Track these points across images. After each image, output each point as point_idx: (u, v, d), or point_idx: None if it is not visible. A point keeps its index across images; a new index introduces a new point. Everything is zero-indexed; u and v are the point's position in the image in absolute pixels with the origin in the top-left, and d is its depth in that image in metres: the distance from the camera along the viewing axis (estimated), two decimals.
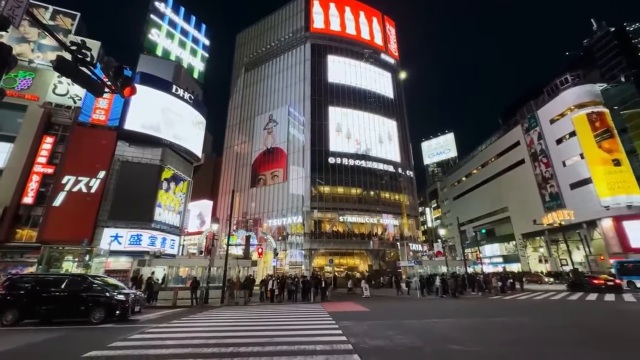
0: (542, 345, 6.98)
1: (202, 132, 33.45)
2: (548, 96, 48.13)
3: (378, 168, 46.88)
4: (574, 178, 41.75)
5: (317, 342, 7.42)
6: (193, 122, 31.51)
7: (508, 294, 22.41)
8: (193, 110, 31.46)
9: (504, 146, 57.50)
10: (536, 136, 48.90)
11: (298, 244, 40.71)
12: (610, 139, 39.61)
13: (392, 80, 55.74)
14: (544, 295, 20.70)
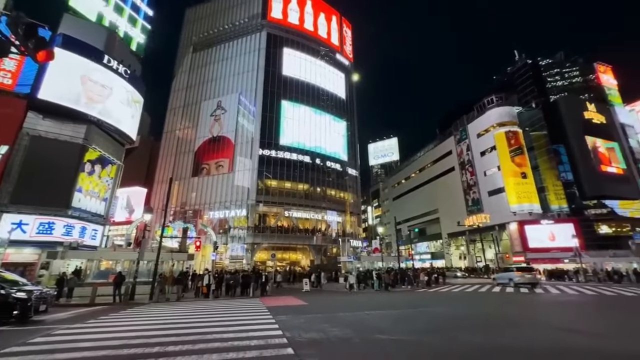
0: (455, 330, 7.96)
1: (138, 112, 30.08)
2: (477, 113, 54.48)
3: (326, 165, 47.87)
4: (492, 186, 48.11)
5: (252, 337, 7.35)
6: (128, 100, 28.15)
7: (433, 287, 24.94)
8: (128, 86, 28.08)
9: (439, 154, 63.50)
10: (465, 147, 55.01)
11: (240, 238, 39.57)
12: (521, 155, 46.58)
13: (345, 81, 57.23)
14: (460, 287, 23.53)
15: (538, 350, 6.14)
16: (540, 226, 42.50)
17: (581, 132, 48.43)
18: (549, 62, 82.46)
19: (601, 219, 44.12)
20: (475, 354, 5.91)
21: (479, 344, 6.67)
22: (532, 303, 14.43)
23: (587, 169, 45.83)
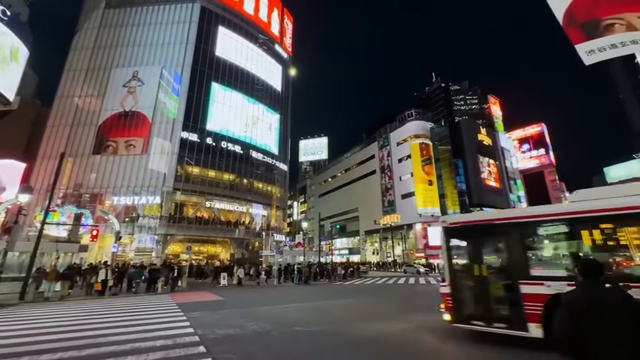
0: (362, 317, 8.67)
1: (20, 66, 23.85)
2: (399, 123, 60.40)
3: (256, 157, 46.47)
4: (405, 190, 54.06)
5: (157, 337, 6.63)
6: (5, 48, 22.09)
7: (348, 280, 26.70)
8: (6, 31, 22.05)
9: (364, 157, 68.23)
10: (386, 153, 60.41)
11: (151, 228, 35.37)
12: (429, 165, 53.55)
13: (282, 73, 56.41)
14: (372, 280, 25.81)
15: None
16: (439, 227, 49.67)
17: (475, 150, 58.27)
18: (457, 88, 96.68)
19: None
20: (379, 339, 6.54)
21: (380, 330, 7.39)
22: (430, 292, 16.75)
23: (476, 181, 55.47)
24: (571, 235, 5.83)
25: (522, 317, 5.56)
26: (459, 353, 5.78)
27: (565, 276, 5.55)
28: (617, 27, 1.98)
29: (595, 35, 1.97)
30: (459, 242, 7.21)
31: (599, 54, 1.91)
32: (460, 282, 6.64)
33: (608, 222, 5.45)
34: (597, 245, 5.53)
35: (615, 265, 5.42)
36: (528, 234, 6.26)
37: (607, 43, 1.90)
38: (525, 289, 5.66)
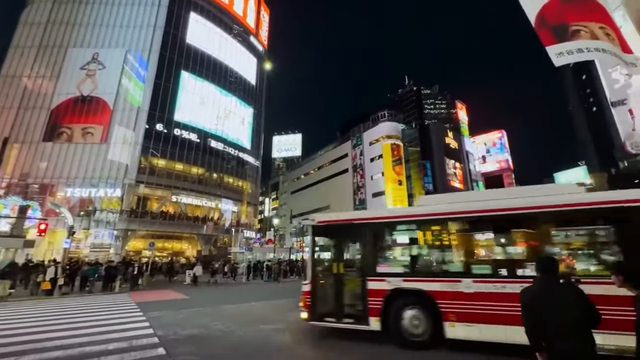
0: None
1: None
2: (372, 123, 61.55)
3: (227, 151, 45.07)
4: (376, 189, 55.30)
5: (111, 340, 6.17)
6: None
7: None
8: None
9: (337, 155, 68.76)
10: (359, 152, 61.35)
11: (109, 223, 33.07)
12: (400, 165, 55.21)
13: (257, 66, 55.11)
14: None
15: None
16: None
17: (442, 153, 60.97)
18: (428, 92, 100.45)
19: None
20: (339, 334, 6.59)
21: None
22: None
23: (442, 182, 58.10)
24: (409, 236, 6.60)
25: (366, 312, 5.95)
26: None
27: (402, 272, 6.08)
28: (582, 33, 2.09)
29: (564, 39, 2.07)
30: (326, 240, 7.37)
31: (567, 56, 2.02)
32: (320, 280, 6.79)
33: (436, 225, 6.29)
34: (430, 244, 6.41)
35: (433, 263, 6.11)
36: (377, 234, 6.59)
37: (575, 47, 2.01)
38: (371, 285, 6.04)
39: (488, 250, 6.04)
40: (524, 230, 5.79)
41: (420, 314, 5.59)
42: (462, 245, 5.97)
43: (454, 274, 5.63)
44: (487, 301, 5.18)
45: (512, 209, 5.64)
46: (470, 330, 5.21)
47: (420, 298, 5.65)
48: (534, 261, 4.87)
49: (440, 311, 5.42)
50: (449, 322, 5.34)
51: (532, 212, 5.48)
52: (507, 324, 4.89)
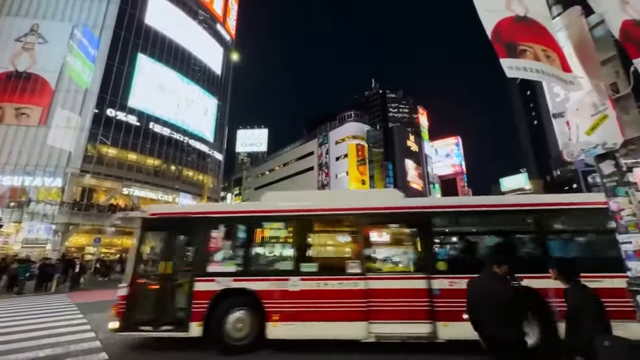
0: None
1: None
2: (339, 123, 62.39)
3: (187, 143, 42.74)
4: (340, 188, 56.18)
5: (44, 345, 5.52)
6: None
7: None
8: None
9: (303, 152, 68.68)
10: (325, 151, 61.87)
11: (47, 216, 29.62)
12: (364, 165, 56.70)
13: (223, 56, 52.88)
14: None
15: None
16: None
17: (403, 155, 63.73)
18: (392, 96, 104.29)
19: None
20: None
21: None
22: None
23: (402, 183, 60.78)
24: (243, 232, 6.27)
25: (187, 317, 5.38)
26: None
27: (233, 272, 5.67)
28: (527, 53, 2.26)
29: (513, 56, 2.22)
30: (158, 235, 6.46)
31: (516, 71, 2.18)
32: (142, 283, 5.82)
33: (269, 222, 6.35)
34: (262, 242, 6.34)
35: (264, 261, 6.09)
36: (210, 230, 6.07)
37: (522, 65, 2.17)
38: (199, 286, 5.53)
39: (317, 248, 6.14)
40: (348, 230, 6.17)
41: (245, 316, 5.35)
42: (293, 244, 5.97)
43: (283, 272, 5.59)
44: (311, 299, 5.29)
45: (334, 210, 5.99)
46: (290, 329, 5.22)
47: (247, 299, 5.40)
48: (383, 259, 5.87)
49: (265, 311, 5.29)
50: (272, 322, 5.25)
51: (351, 213, 5.94)
52: (324, 320, 5.17)
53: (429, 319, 5.04)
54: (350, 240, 6.06)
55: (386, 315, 5.15)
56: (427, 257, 5.47)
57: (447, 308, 5.01)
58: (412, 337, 5.02)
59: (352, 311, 5.17)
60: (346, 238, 6.22)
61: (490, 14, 2.61)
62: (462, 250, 5.89)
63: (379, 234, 6.14)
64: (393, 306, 5.18)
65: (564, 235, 5.94)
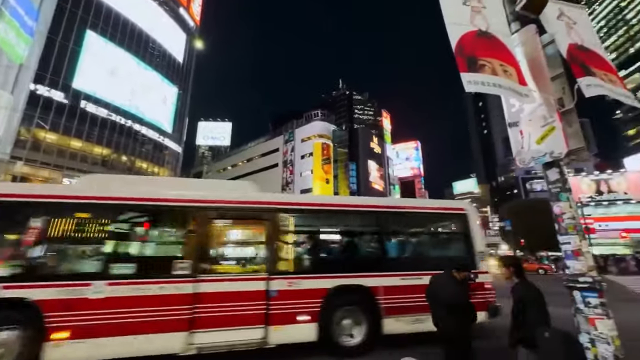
0: None
1: None
2: (305, 121, 62.31)
3: (142, 132, 39.71)
4: (304, 186, 56.25)
5: None
6: None
7: None
8: None
9: (268, 149, 67.51)
10: (291, 148, 61.45)
11: None
12: (328, 164, 57.34)
13: (186, 43, 49.98)
14: None
15: None
16: None
17: (367, 156, 65.57)
18: (359, 98, 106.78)
19: None
20: None
21: None
22: None
23: (365, 183, 62.57)
24: (29, 221, 4.57)
25: None
26: None
27: (6, 276, 4.21)
28: (486, 68, 2.39)
29: (473, 70, 2.34)
30: None
31: (474, 85, 2.29)
32: None
33: (82, 212, 4.87)
34: (53, 236, 4.61)
35: (61, 260, 4.62)
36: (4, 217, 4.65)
37: (480, 79, 2.29)
38: None
39: (136, 245, 5.07)
40: (179, 225, 5.24)
41: (14, 336, 3.93)
42: (102, 239, 4.73)
43: (83, 276, 4.44)
44: (120, 308, 4.31)
45: (162, 200, 5.03)
46: (81, 350, 4.11)
47: (23, 313, 4.03)
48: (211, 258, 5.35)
49: (44, 328, 4.01)
50: (55, 341, 4.03)
51: (184, 205, 5.07)
52: (131, 333, 4.24)
53: (261, 324, 4.65)
54: (182, 237, 5.17)
55: (214, 322, 4.52)
56: (268, 257, 5.11)
57: (283, 310, 4.74)
58: (240, 345, 4.55)
59: (171, 320, 4.38)
60: (177, 234, 5.28)
61: (456, 27, 2.71)
62: (306, 249, 5.63)
63: (217, 230, 5.50)
64: (224, 311, 4.59)
65: (405, 235, 6.44)
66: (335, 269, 5.32)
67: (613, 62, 3.04)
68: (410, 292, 5.20)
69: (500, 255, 5.94)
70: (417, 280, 5.15)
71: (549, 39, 2.77)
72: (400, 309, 5.19)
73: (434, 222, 6.72)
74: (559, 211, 2.45)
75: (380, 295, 5.14)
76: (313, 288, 4.96)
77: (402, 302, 5.21)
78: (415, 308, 5.06)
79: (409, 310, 5.16)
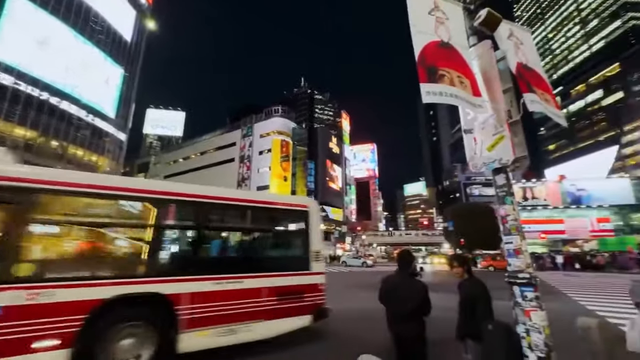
0: None
1: None
2: (265, 116, 61.02)
3: (78, 115, 35.33)
4: (261, 183, 55.08)
5: None
6: None
7: None
8: None
9: (225, 142, 64.74)
10: (249, 143, 59.70)
11: None
12: (287, 162, 56.87)
13: (135, 21, 45.61)
14: None
15: None
16: None
17: (325, 156, 66.39)
18: (320, 97, 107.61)
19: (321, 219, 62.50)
20: None
21: None
22: None
23: (322, 183, 63.33)
24: None
25: None
26: None
27: None
28: (445, 78, 2.51)
29: (433, 80, 2.43)
30: None
31: (432, 96, 2.38)
32: None
33: None
34: None
35: None
36: None
37: (438, 90, 2.39)
38: None
39: None
40: None
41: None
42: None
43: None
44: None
45: None
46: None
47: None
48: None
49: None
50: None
51: None
52: None
53: None
54: None
55: None
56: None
57: (10, 336, 3.16)
58: None
59: None
60: None
61: (421, 36, 2.78)
62: (68, 246, 3.99)
63: None
64: None
65: (229, 232, 5.65)
66: (119, 272, 3.97)
67: None
68: (226, 298, 4.46)
69: (451, 254, 6.61)
70: (237, 285, 4.60)
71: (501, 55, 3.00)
72: (209, 319, 4.29)
73: (270, 218, 5.76)
74: (504, 213, 2.66)
75: (183, 304, 4.12)
76: (74, 300, 3.51)
77: (214, 311, 4.34)
78: (231, 317, 4.43)
79: (222, 320, 4.37)
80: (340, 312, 6.72)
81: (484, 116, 2.88)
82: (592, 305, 9.30)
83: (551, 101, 3.10)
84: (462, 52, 2.91)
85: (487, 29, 3.02)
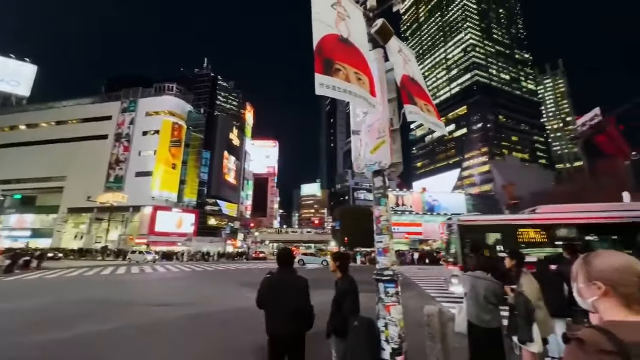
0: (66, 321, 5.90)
1: None
2: (156, 92, 52.73)
3: None
4: (142, 168, 47.18)
5: None
6: None
7: (16, 274, 18.41)
8: None
9: (97, 114, 52.64)
10: (130, 120, 50.31)
11: None
12: (178, 147, 50.64)
13: None
14: (62, 272, 19.45)
15: (138, 328, 6.10)
16: (171, 213, 47.60)
17: (224, 147, 62.41)
18: (224, 84, 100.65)
19: (213, 214, 58.21)
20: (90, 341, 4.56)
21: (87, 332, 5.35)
22: (138, 283, 14.95)
23: (218, 174, 59.27)
24: None
25: None
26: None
27: None
28: (341, 74, 2.46)
29: (328, 73, 2.35)
30: None
31: (326, 89, 2.30)
32: None
33: None
34: None
35: None
36: None
37: (332, 83, 2.33)
38: None
39: None
40: None
41: None
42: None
43: None
44: None
45: None
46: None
47: None
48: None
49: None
50: None
51: None
52: None
53: None
54: None
55: None
56: None
57: None
58: None
59: None
60: None
61: (321, 25, 2.67)
62: None
63: None
64: None
65: None
66: None
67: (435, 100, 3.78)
68: None
69: (332, 251, 7.01)
70: None
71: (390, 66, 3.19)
72: None
73: None
74: (378, 214, 2.81)
75: None
76: None
77: None
78: None
79: None
80: None
81: (370, 120, 3.01)
82: (433, 292, 11.56)
83: (433, 112, 3.44)
84: (363, 51, 2.93)
85: (381, 38, 3.17)
